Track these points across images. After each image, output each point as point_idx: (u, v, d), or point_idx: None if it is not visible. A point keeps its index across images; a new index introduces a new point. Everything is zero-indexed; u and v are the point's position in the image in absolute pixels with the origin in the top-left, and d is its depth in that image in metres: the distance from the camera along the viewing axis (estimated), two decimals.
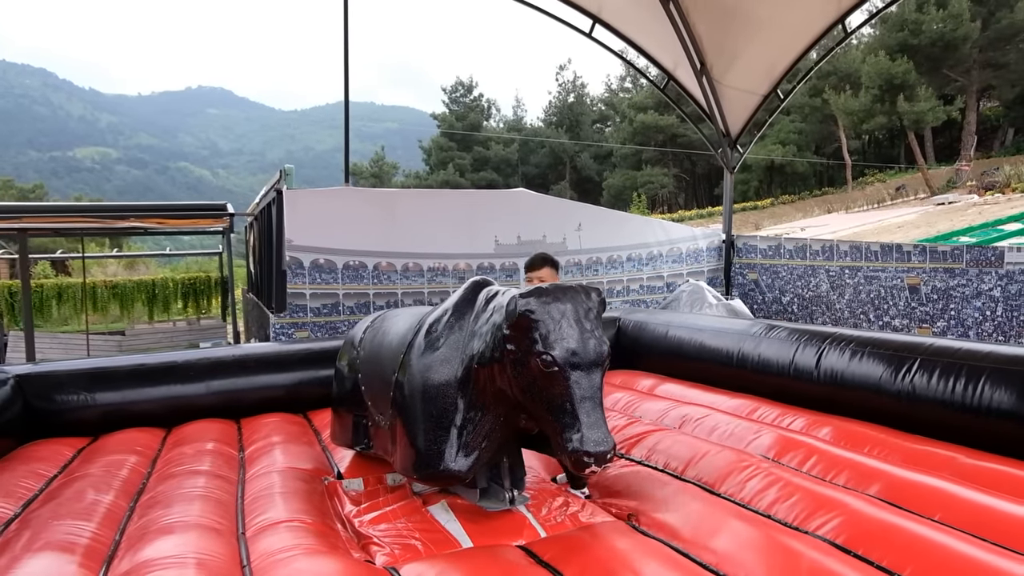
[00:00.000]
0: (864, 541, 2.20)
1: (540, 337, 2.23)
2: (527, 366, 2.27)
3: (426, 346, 2.73)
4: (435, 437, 2.57)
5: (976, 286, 5.15)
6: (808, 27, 6.22)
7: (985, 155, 39.59)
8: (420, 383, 2.65)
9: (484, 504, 2.74)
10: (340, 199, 6.17)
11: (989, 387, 3.11)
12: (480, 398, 2.53)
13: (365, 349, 3.29)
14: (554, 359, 2.20)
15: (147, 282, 10.42)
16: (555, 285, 2.42)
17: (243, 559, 2.35)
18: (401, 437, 2.75)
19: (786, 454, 3.19)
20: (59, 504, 2.82)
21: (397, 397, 2.77)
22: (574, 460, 2.16)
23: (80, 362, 4.51)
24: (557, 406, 2.22)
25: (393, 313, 3.42)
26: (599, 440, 2.16)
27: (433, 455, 2.56)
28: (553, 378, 2.21)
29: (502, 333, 2.34)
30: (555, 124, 56.58)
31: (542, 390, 2.25)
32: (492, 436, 2.57)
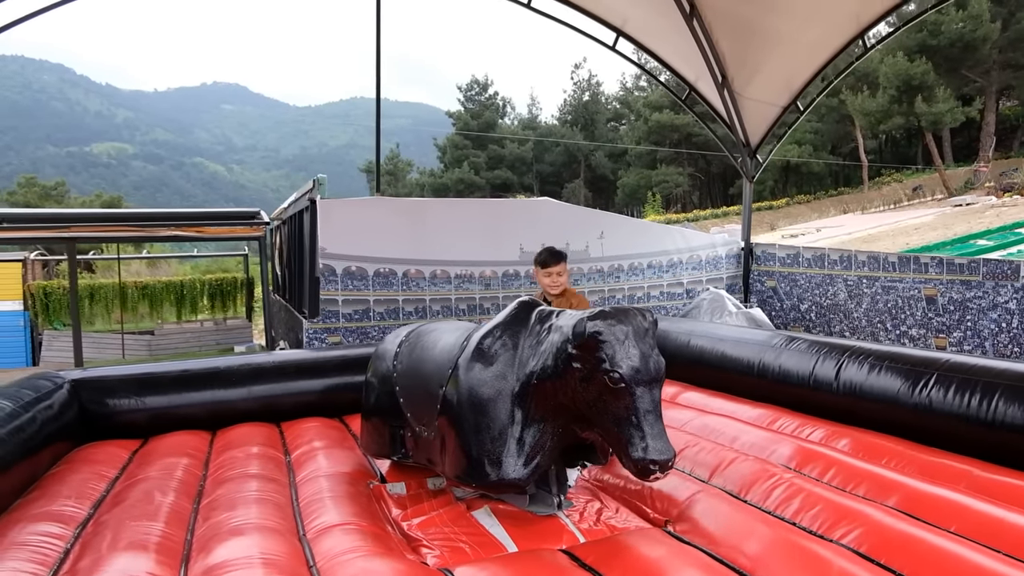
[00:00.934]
0: (886, 551, 2.37)
1: (607, 356, 2.43)
2: (593, 382, 2.47)
3: (480, 362, 2.91)
4: (494, 448, 2.77)
5: (992, 298, 5.28)
6: (828, 42, 6.36)
7: (1004, 155, 39.30)
8: (476, 397, 2.83)
9: (533, 509, 2.93)
10: (371, 208, 6.38)
11: (1003, 402, 3.25)
12: (538, 411, 2.74)
13: (403, 363, 3.44)
14: (621, 376, 2.40)
15: (175, 283, 10.68)
16: (616, 308, 2.63)
17: (308, 560, 2.55)
18: (455, 447, 2.92)
19: (807, 465, 3.35)
20: (130, 506, 3.03)
21: (447, 410, 2.95)
22: (640, 468, 2.39)
23: (129, 368, 4.75)
24: (623, 419, 2.43)
25: (429, 328, 3.57)
26: (663, 449, 2.39)
27: (493, 465, 2.75)
28: (619, 393, 2.41)
29: (567, 352, 2.55)
30: (570, 123, 56.63)
31: (608, 404, 2.45)
32: (549, 447, 2.78)
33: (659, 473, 2.39)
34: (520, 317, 2.97)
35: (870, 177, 41.64)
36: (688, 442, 3.70)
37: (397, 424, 3.42)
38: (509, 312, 3.03)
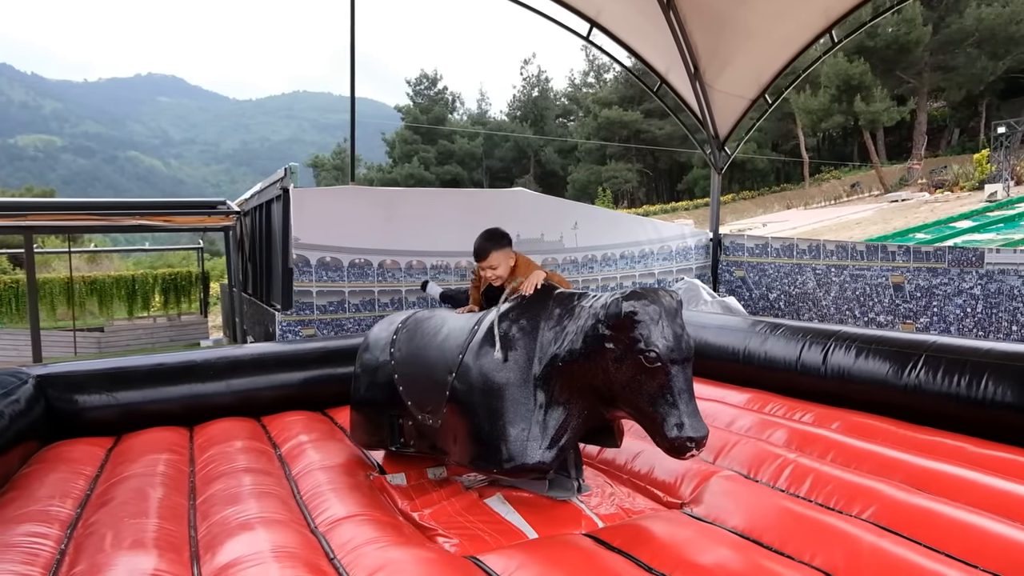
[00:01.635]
0: (907, 524, 2.42)
1: (643, 336, 2.41)
2: (627, 362, 2.45)
3: (498, 347, 2.85)
4: (518, 432, 2.71)
5: (958, 284, 5.50)
6: (798, 36, 6.50)
7: (933, 154, 41.15)
8: (494, 382, 2.78)
9: (552, 494, 2.90)
10: (346, 198, 6.22)
11: (992, 381, 3.37)
12: (563, 394, 2.70)
13: (402, 351, 3.35)
14: (658, 355, 2.39)
15: (126, 277, 10.22)
16: (644, 288, 2.60)
17: (327, 551, 2.45)
18: (471, 433, 2.84)
19: (807, 447, 3.41)
20: (121, 503, 2.87)
21: (459, 396, 2.89)
22: (678, 446, 2.38)
23: (99, 362, 4.50)
24: (658, 398, 2.42)
25: (427, 315, 3.49)
26: (698, 427, 2.40)
27: (518, 449, 2.70)
28: (655, 373, 2.40)
29: (599, 333, 2.51)
30: (519, 118, 56.75)
31: (643, 384, 2.44)
32: (574, 429, 2.75)
33: (695, 450, 2.38)
34: (537, 300, 2.93)
35: (810, 174, 43.01)
36: None
37: (395, 414, 3.33)
38: (526, 299, 2.99)
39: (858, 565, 2.14)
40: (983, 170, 29.69)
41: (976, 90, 38.34)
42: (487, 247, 3.45)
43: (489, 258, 3.43)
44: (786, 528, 2.45)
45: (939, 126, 44.94)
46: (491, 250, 3.44)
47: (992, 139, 29.51)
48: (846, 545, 2.25)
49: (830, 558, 2.22)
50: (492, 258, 3.43)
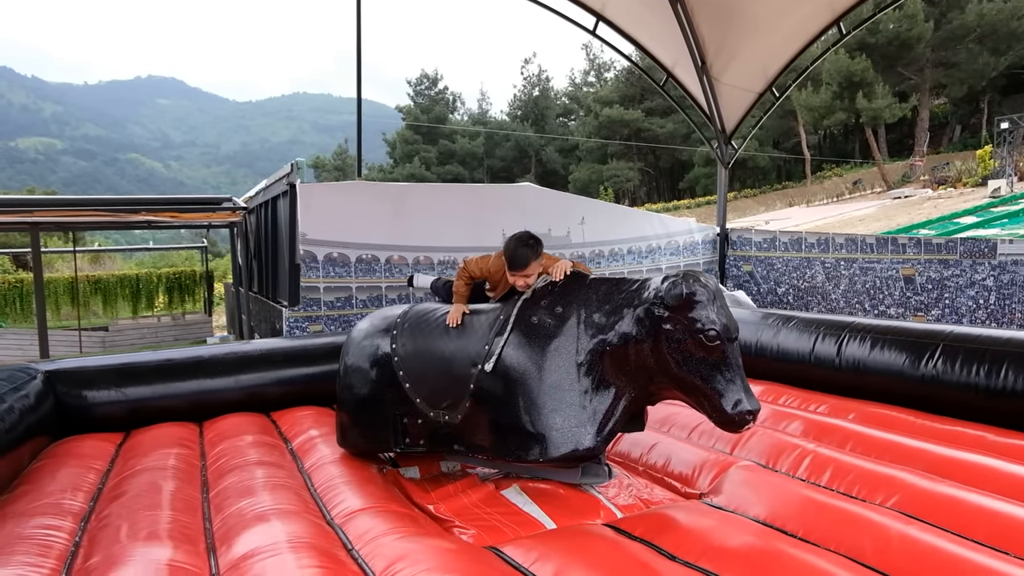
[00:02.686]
0: (933, 512, 2.38)
1: (702, 316, 2.50)
2: (686, 342, 2.53)
3: (533, 336, 2.82)
4: (564, 420, 2.70)
5: (970, 276, 5.46)
6: (804, 29, 6.46)
7: (935, 151, 41.05)
8: (533, 371, 2.75)
9: (586, 480, 2.87)
10: (353, 193, 6.19)
11: (1012, 370, 3.34)
12: (609, 378, 2.72)
13: (406, 347, 3.18)
14: (718, 333, 2.48)
15: (131, 277, 10.20)
16: (688, 272, 2.63)
17: (345, 542, 2.42)
18: (509, 426, 2.81)
19: (824, 437, 3.37)
20: (135, 496, 2.84)
21: (491, 388, 2.83)
22: (738, 420, 2.49)
23: (108, 358, 4.48)
24: (716, 374, 2.52)
25: (428, 308, 3.35)
26: (754, 401, 2.52)
27: (567, 437, 2.69)
28: (713, 351, 2.50)
29: (656, 315, 2.56)
30: (520, 118, 56.66)
31: (701, 362, 2.52)
32: (622, 412, 2.76)
33: (752, 423, 2.52)
34: (569, 287, 2.91)
35: (812, 171, 42.92)
36: (701, 420, 3.67)
37: (400, 412, 3.17)
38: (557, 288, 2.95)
39: (887, 552, 2.11)
40: (986, 166, 29.61)
41: (978, 86, 38.22)
42: (528, 256, 3.00)
43: (529, 267, 3.01)
44: (810, 517, 2.42)
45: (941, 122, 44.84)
46: (532, 259, 3.01)
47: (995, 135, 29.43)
48: (873, 533, 2.22)
49: (857, 545, 2.19)
50: (532, 267, 3.02)
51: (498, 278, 3.23)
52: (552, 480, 2.96)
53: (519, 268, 3.01)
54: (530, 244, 3.03)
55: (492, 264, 3.20)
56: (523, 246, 3.03)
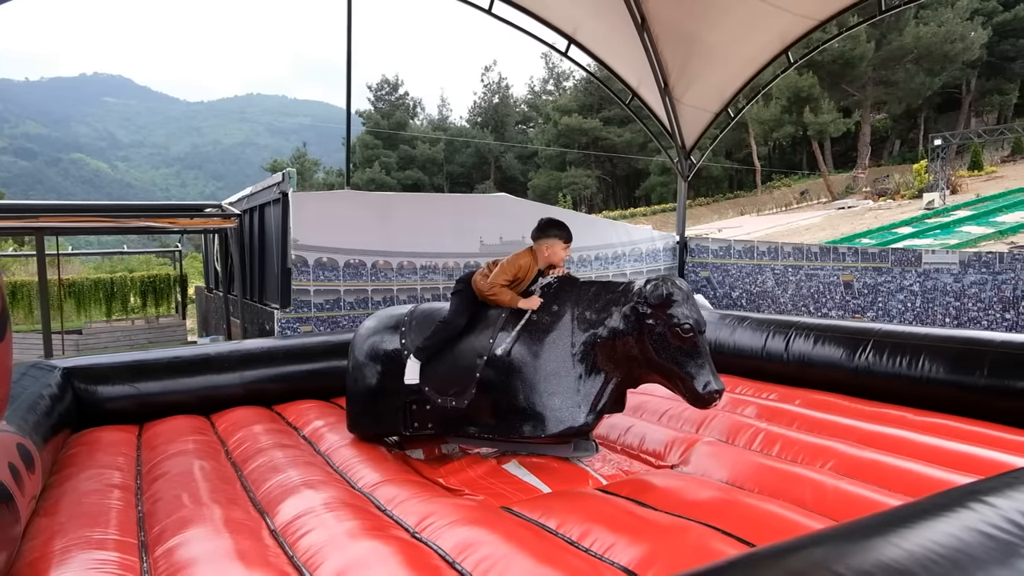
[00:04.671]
0: (862, 473, 2.93)
1: (679, 313, 3.01)
2: (666, 335, 3.02)
3: (533, 330, 3.29)
4: (561, 401, 3.20)
5: (899, 282, 6.14)
6: (757, 56, 7.10)
7: (876, 164, 43.07)
8: (535, 360, 3.24)
9: (577, 454, 3.36)
10: (342, 201, 6.57)
11: (928, 361, 3.95)
12: (600, 365, 3.22)
13: (416, 342, 3.58)
14: (691, 327, 2.98)
15: (105, 280, 10.30)
16: (666, 276, 3.15)
17: (378, 504, 2.84)
18: (514, 408, 3.28)
19: (774, 419, 3.92)
20: (180, 474, 3.20)
21: (496, 376, 3.30)
22: (707, 397, 2.99)
23: (120, 356, 4.78)
24: (690, 361, 3.02)
25: (434, 307, 3.81)
26: (720, 382, 3.04)
27: (564, 416, 3.19)
28: (688, 341, 3.00)
29: (641, 312, 3.06)
30: (480, 124, 57.17)
31: (677, 351, 3.02)
32: (610, 394, 3.26)
33: (718, 400, 3.04)
34: (563, 287, 3.40)
35: (762, 181, 44.54)
36: (669, 406, 4.20)
37: (410, 400, 3.58)
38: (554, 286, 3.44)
39: (824, 501, 2.64)
40: (922, 179, 31.31)
41: (915, 104, 40.36)
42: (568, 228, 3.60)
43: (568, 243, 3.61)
44: (763, 478, 2.94)
45: (881, 137, 47.07)
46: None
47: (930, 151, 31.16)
48: (812, 487, 2.75)
49: (800, 497, 2.71)
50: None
51: (525, 274, 3.51)
52: (546, 455, 3.43)
53: (570, 238, 3.61)
54: (562, 222, 3.61)
55: (523, 263, 3.47)
56: (562, 223, 3.59)
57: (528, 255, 3.55)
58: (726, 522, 2.45)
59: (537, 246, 3.53)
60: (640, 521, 2.50)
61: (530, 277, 3.55)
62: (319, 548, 2.36)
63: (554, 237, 3.51)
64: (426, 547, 2.40)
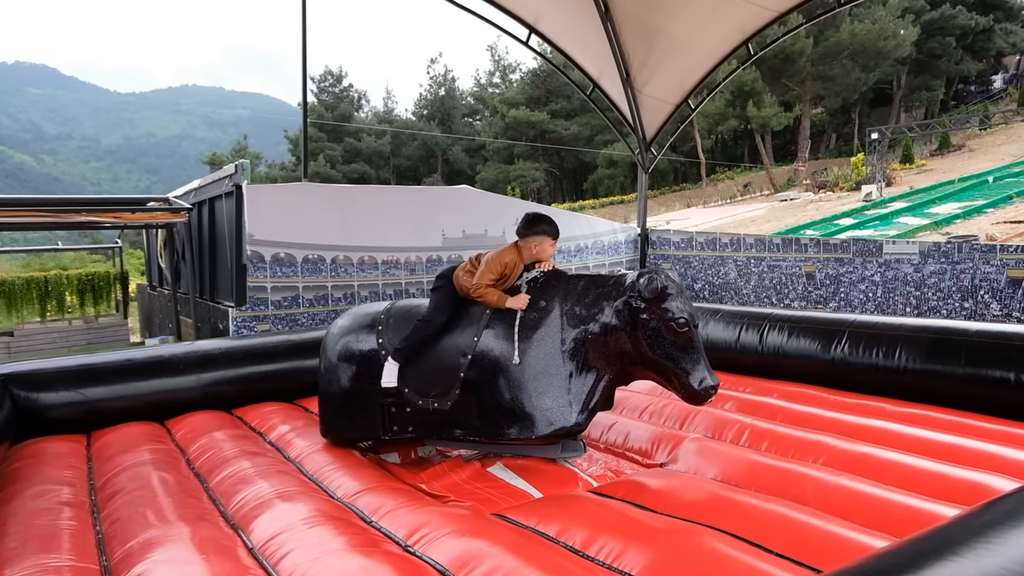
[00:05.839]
0: (856, 468, 2.90)
1: (674, 307, 2.91)
2: (661, 328, 2.90)
3: (523, 328, 3.14)
4: (552, 401, 3.05)
5: (861, 272, 6.24)
6: (718, 48, 7.10)
7: (814, 157, 44.42)
8: (525, 359, 3.08)
9: (565, 454, 3.24)
10: (299, 195, 6.29)
11: (904, 351, 3.97)
12: (592, 363, 3.08)
13: (392, 340, 3.41)
14: (687, 320, 2.89)
15: (38, 278, 9.68)
16: (658, 269, 3.04)
17: (362, 516, 2.66)
18: (501, 408, 3.11)
19: (755, 413, 3.88)
20: (140, 489, 2.95)
21: (482, 376, 3.13)
22: (703, 392, 2.88)
23: (65, 360, 4.44)
24: (685, 356, 2.91)
25: (412, 304, 3.60)
26: (715, 377, 2.93)
27: (555, 415, 3.04)
28: (683, 335, 2.90)
29: (635, 306, 2.94)
30: (427, 117, 56.60)
31: (671, 345, 2.91)
32: (602, 392, 3.12)
33: (714, 396, 2.94)
34: (552, 284, 3.25)
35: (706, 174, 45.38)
36: (649, 402, 4.13)
37: (387, 402, 3.39)
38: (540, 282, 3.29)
39: (826, 498, 2.59)
40: (859, 172, 32.41)
41: (851, 99, 41.75)
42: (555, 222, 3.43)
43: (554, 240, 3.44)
44: (759, 475, 2.88)
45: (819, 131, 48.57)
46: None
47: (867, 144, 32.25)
48: (813, 484, 2.70)
49: (801, 495, 2.65)
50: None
51: (511, 272, 3.36)
52: (531, 456, 3.29)
53: (558, 234, 3.45)
54: (549, 217, 3.44)
55: (508, 260, 3.31)
56: (549, 218, 3.41)
57: (513, 252, 3.39)
58: (734, 524, 2.37)
59: (524, 243, 3.37)
60: (643, 526, 2.40)
61: (516, 275, 3.40)
62: (305, 569, 2.17)
63: (542, 234, 3.36)
64: (421, 562, 2.24)
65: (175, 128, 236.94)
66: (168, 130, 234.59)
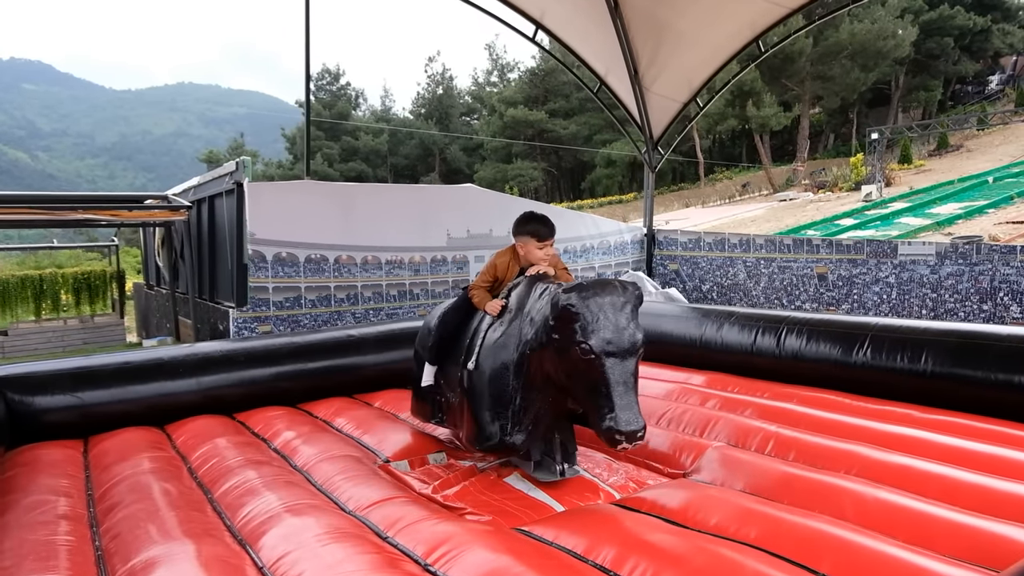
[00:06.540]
0: (891, 479, 2.77)
1: (580, 328, 2.49)
2: (568, 353, 2.53)
3: (489, 334, 3.06)
4: (495, 414, 2.92)
5: (875, 274, 6.12)
6: (727, 45, 6.98)
7: (812, 157, 44.35)
8: (486, 366, 2.99)
9: (537, 475, 3.09)
10: (302, 193, 6.14)
11: (930, 356, 3.85)
12: (532, 380, 2.83)
13: None
14: (591, 347, 2.46)
15: (33, 277, 9.50)
16: (596, 280, 2.70)
17: (377, 531, 2.52)
18: (467, 414, 3.09)
19: (778, 420, 3.74)
20: (140, 500, 2.82)
21: (464, 379, 3.10)
22: (607, 437, 2.43)
23: (61, 362, 4.30)
24: (594, 389, 2.47)
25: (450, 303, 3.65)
26: (630, 420, 2.40)
27: (494, 430, 2.93)
28: (591, 364, 2.47)
29: (548, 324, 2.64)
30: (424, 116, 56.38)
31: (581, 375, 2.51)
32: (541, 415, 2.90)
33: (625, 444, 2.39)
34: (527, 291, 3.09)
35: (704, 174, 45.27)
36: (667, 407, 4.00)
37: (437, 392, 3.51)
38: (521, 287, 3.15)
39: (866, 513, 2.46)
40: (858, 172, 32.34)
41: (850, 99, 41.69)
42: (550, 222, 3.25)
43: (552, 239, 3.26)
44: (791, 488, 2.75)
45: (816, 131, 48.52)
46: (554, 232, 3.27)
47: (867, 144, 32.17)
48: (851, 498, 2.56)
49: (839, 509, 2.52)
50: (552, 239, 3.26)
51: (504, 274, 3.33)
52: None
53: (551, 235, 3.23)
54: (540, 216, 3.26)
55: (499, 261, 3.30)
56: (539, 217, 3.25)
57: (508, 253, 3.33)
58: (773, 542, 2.25)
59: (516, 244, 3.29)
60: (676, 544, 2.27)
61: (510, 277, 3.30)
62: None
63: (525, 235, 3.22)
64: None
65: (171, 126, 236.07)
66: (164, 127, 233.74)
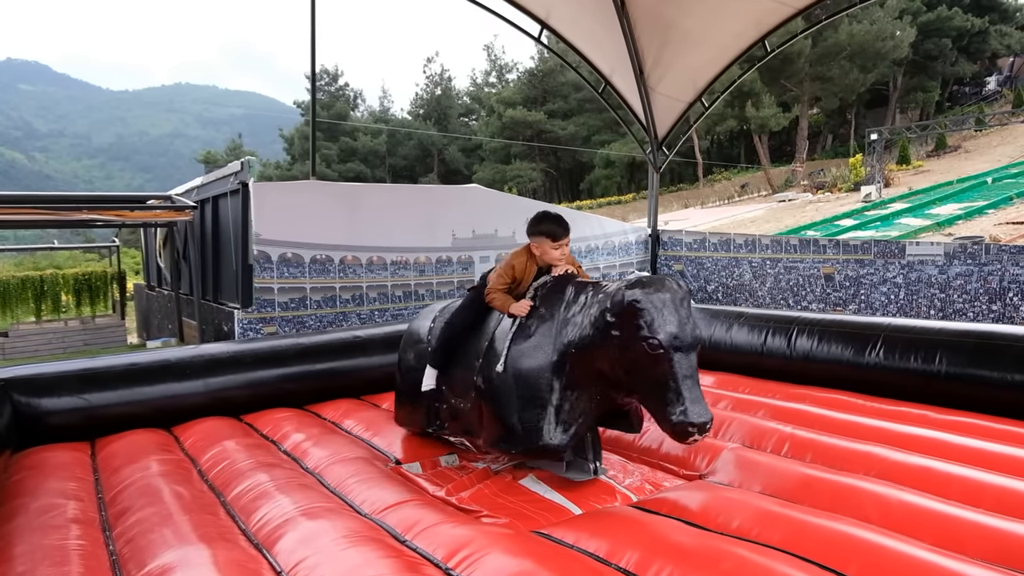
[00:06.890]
0: (912, 481, 2.74)
1: (646, 323, 2.49)
2: (632, 349, 2.52)
3: (519, 335, 2.98)
4: (531, 415, 2.84)
5: (882, 274, 6.11)
6: (733, 45, 6.96)
7: (810, 157, 44.38)
8: (514, 368, 2.91)
9: (569, 475, 3.04)
10: (307, 193, 6.11)
11: (945, 357, 3.82)
12: (576, 380, 2.81)
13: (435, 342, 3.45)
14: (660, 342, 2.46)
15: (34, 278, 9.44)
16: (651, 276, 2.71)
17: (394, 534, 2.49)
18: (492, 417, 3.00)
19: (792, 421, 3.72)
20: (152, 503, 2.78)
21: (485, 381, 3.01)
22: (679, 430, 2.44)
23: (67, 363, 4.26)
24: (662, 384, 2.48)
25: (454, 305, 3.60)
26: (701, 412, 2.44)
27: (531, 432, 2.84)
28: (657, 359, 2.47)
29: (606, 321, 2.61)
30: (423, 116, 56.32)
31: (647, 370, 2.51)
32: (587, 413, 2.88)
33: (697, 435, 2.44)
34: (557, 291, 3.05)
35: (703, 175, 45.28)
36: None
37: (433, 399, 3.42)
38: (547, 288, 3.11)
39: (889, 515, 2.43)
40: (858, 173, 32.35)
41: (848, 99, 41.72)
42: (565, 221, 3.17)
43: (567, 237, 3.19)
44: (812, 490, 2.72)
45: (815, 131, 48.56)
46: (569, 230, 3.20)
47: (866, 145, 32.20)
48: (874, 500, 2.53)
49: (862, 512, 2.49)
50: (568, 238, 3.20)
51: (522, 275, 3.25)
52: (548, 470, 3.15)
53: (566, 234, 3.16)
54: (554, 215, 3.22)
55: (517, 263, 3.21)
56: (553, 217, 3.19)
57: (524, 254, 3.25)
58: (798, 545, 2.22)
59: (531, 244, 3.22)
60: (700, 547, 2.24)
61: (529, 278, 3.23)
62: None
63: (539, 235, 3.16)
64: None
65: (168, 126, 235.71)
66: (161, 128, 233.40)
